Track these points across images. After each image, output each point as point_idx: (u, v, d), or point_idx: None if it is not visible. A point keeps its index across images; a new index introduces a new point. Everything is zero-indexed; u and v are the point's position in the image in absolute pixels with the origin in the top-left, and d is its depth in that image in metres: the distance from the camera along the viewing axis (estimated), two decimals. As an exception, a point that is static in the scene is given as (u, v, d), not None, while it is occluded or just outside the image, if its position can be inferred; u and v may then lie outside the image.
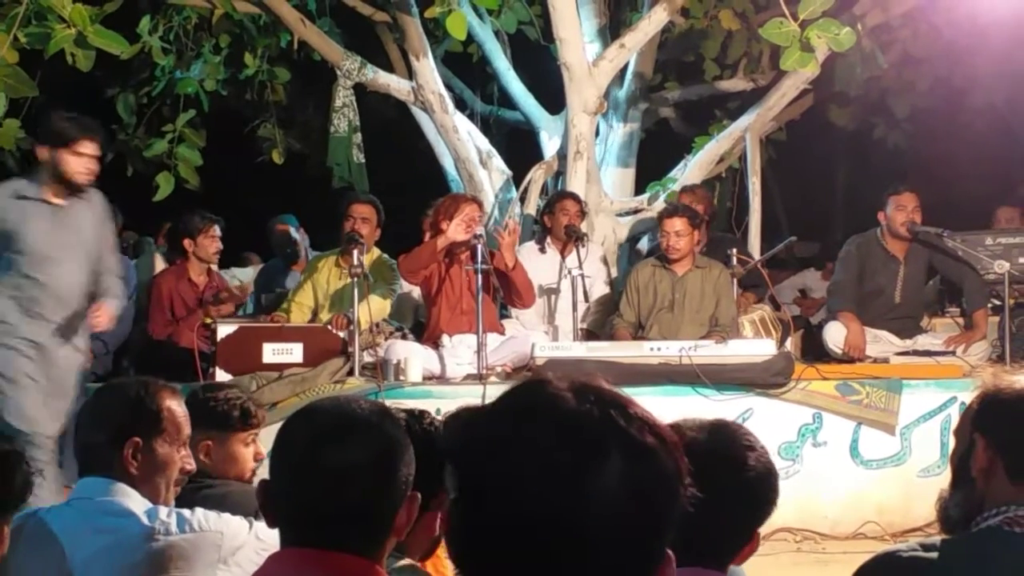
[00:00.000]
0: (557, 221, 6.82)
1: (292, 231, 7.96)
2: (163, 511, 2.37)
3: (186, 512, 2.39)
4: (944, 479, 2.09)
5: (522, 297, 6.20)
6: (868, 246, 6.65)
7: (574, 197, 7.04)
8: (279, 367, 5.73)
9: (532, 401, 1.16)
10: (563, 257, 6.72)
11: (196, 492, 2.74)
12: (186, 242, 6.77)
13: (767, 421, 5.60)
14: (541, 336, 6.29)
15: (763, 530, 1.94)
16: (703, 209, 7.08)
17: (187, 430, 2.50)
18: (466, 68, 9.59)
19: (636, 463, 1.12)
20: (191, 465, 2.54)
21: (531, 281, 6.31)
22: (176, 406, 2.48)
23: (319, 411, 1.84)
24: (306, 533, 1.75)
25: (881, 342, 6.47)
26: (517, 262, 6.18)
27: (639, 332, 6.41)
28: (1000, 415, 1.97)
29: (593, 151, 7.86)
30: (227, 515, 2.42)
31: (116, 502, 2.36)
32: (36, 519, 2.38)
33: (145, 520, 2.34)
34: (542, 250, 6.90)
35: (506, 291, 6.17)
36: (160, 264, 7.88)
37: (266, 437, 2.51)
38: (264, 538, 2.36)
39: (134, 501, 2.37)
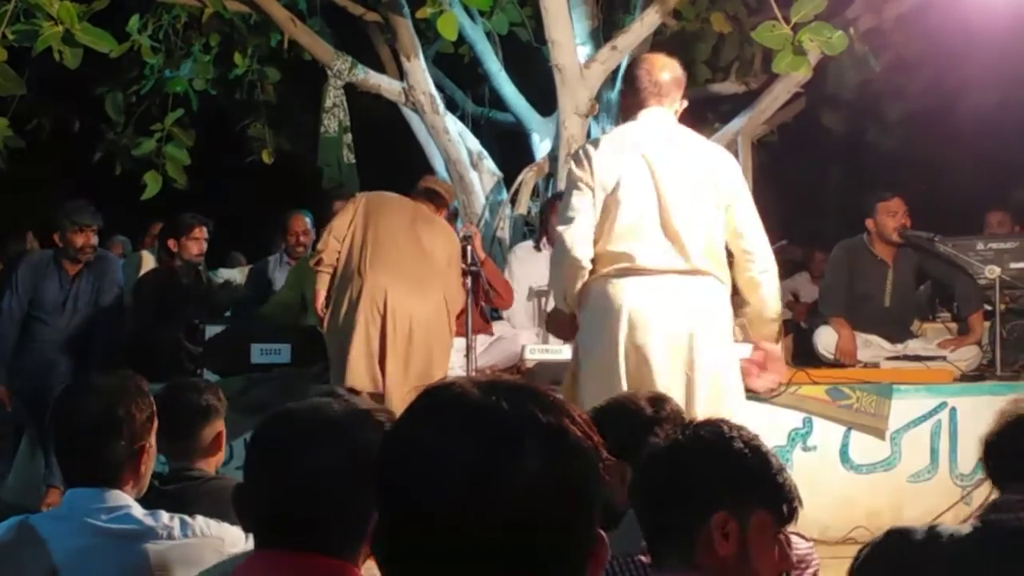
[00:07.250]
0: (550, 222, 6.78)
1: (308, 224, 7.82)
2: (165, 516, 2.38)
3: (188, 518, 2.40)
4: (934, 484, 2.09)
5: (500, 295, 6.14)
6: (856, 251, 6.64)
7: None
8: (267, 368, 5.69)
9: (437, 403, 1.14)
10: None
11: (198, 488, 2.77)
12: (171, 242, 6.74)
13: (757, 425, 5.55)
14: (531, 337, 6.25)
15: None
16: None
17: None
18: (457, 69, 9.55)
19: (554, 450, 1.09)
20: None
21: (505, 279, 6.31)
22: (148, 399, 2.49)
23: (294, 414, 1.82)
24: (281, 535, 1.73)
25: (872, 347, 6.46)
26: (486, 258, 6.18)
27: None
28: None
29: (584, 153, 7.82)
30: (226, 524, 2.44)
31: (114, 507, 2.36)
32: (26, 527, 2.35)
33: (149, 523, 2.35)
34: (537, 249, 6.84)
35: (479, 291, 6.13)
36: (151, 264, 7.82)
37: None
38: None
39: (132, 507, 2.38)
